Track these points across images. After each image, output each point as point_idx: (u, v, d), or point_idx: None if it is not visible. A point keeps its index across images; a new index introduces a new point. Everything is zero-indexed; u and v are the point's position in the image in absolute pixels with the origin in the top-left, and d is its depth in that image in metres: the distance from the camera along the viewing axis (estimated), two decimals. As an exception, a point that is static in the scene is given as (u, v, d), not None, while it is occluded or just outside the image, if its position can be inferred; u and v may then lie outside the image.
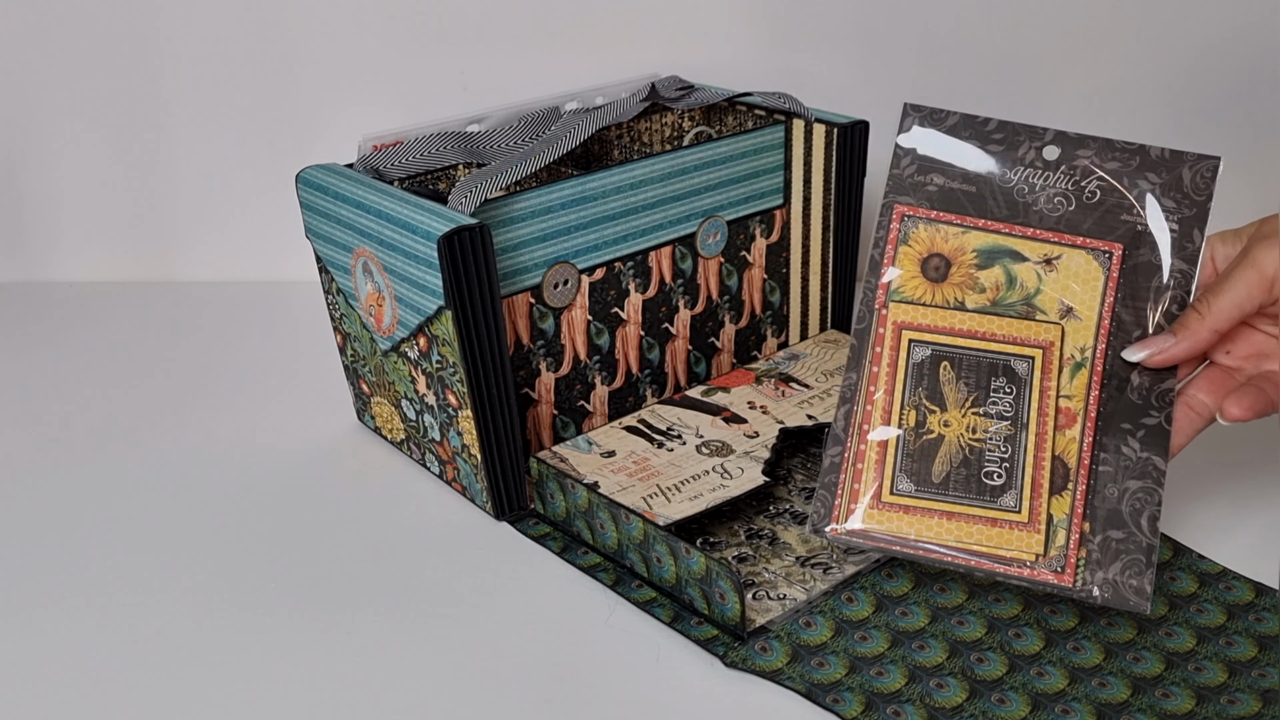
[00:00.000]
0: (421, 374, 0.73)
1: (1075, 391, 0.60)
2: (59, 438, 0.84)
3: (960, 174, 0.63)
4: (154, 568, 0.69)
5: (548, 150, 0.76)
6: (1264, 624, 0.62)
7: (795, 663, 0.60)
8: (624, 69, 0.99)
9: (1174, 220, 0.61)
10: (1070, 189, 0.62)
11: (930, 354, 0.61)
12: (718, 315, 0.84)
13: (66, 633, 0.64)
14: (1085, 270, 0.61)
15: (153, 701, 0.59)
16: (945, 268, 0.62)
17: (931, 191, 0.63)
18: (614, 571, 0.67)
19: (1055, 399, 0.60)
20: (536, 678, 0.60)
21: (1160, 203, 0.62)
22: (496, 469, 0.72)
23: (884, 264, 0.62)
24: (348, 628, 0.64)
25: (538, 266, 0.73)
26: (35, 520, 0.74)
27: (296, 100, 1.05)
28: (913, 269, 0.62)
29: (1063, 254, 0.62)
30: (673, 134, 0.91)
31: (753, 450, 0.73)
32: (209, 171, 1.08)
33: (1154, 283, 0.61)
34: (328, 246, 0.76)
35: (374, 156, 0.78)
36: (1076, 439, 0.59)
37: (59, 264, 1.11)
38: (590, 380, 0.78)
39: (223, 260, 1.10)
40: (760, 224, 0.84)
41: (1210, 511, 0.71)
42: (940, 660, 0.60)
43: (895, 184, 0.63)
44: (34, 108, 1.07)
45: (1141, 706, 0.56)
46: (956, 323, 0.61)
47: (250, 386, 0.90)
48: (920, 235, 0.62)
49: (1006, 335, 0.61)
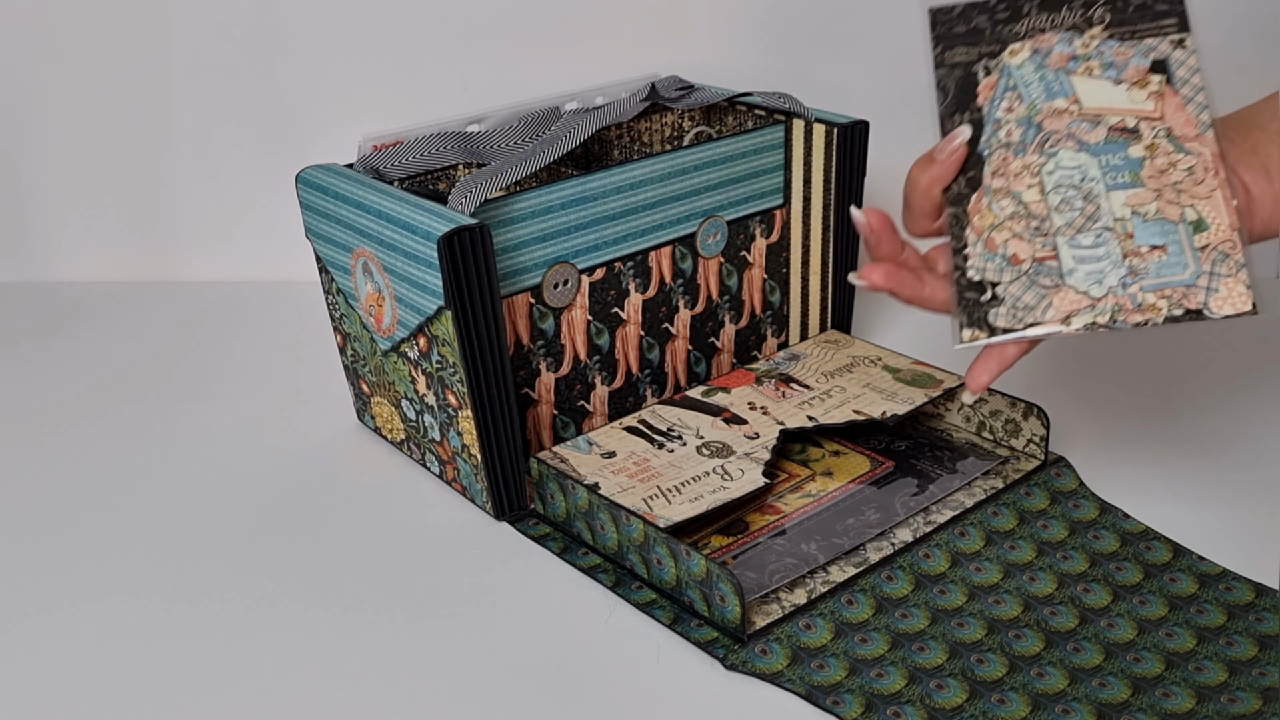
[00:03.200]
0: (421, 374, 0.73)
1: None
2: (59, 437, 0.84)
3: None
4: (154, 567, 0.69)
5: (548, 150, 0.76)
6: (1264, 624, 0.62)
7: (795, 665, 0.60)
8: (624, 69, 0.99)
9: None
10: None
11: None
12: (718, 315, 0.84)
13: (66, 632, 0.64)
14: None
15: (152, 701, 0.59)
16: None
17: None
18: (614, 573, 0.67)
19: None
20: (536, 678, 0.60)
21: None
22: (496, 469, 0.72)
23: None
24: (348, 628, 0.64)
25: (538, 266, 0.73)
26: (35, 520, 0.74)
27: (296, 100, 1.05)
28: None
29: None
30: (673, 134, 0.91)
31: (753, 451, 0.73)
32: (209, 171, 1.08)
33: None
34: (328, 246, 0.76)
35: (374, 156, 0.78)
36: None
37: (59, 264, 1.11)
38: (590, 380, 0.78)
39: (223, 260, 1.10)
40: (760, 224, 0.84)
41: (1210, 512, 0.71)
42: (940, 661, 0.60)
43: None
44: (34, 108, 1.07)
45: (1142, 706, 0.56)
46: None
47: (250, 386, 0.90)
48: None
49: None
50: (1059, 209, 0.61)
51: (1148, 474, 0.75)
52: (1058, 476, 0.74)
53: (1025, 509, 0.71)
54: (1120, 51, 0.63)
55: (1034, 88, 0.63)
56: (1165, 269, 0.59)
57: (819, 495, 0.72)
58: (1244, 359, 0.89)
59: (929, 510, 0.71)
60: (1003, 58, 0.64)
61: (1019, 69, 0.63)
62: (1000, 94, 0.63)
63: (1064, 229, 0.60)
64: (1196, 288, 0.59)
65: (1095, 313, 0.59)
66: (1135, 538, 0.68)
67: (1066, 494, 0.72)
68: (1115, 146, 0.61)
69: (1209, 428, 0.80)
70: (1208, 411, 0.82)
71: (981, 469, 0.74)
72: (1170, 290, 0.59)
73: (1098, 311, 0.59)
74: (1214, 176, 0.60)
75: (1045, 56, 0.63)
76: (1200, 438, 0.79)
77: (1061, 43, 0.63)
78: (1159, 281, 0.59)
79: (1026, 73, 0.63)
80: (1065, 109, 0.62)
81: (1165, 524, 0.69)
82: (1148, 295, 0.59)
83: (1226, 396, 0.83)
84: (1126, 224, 0.60)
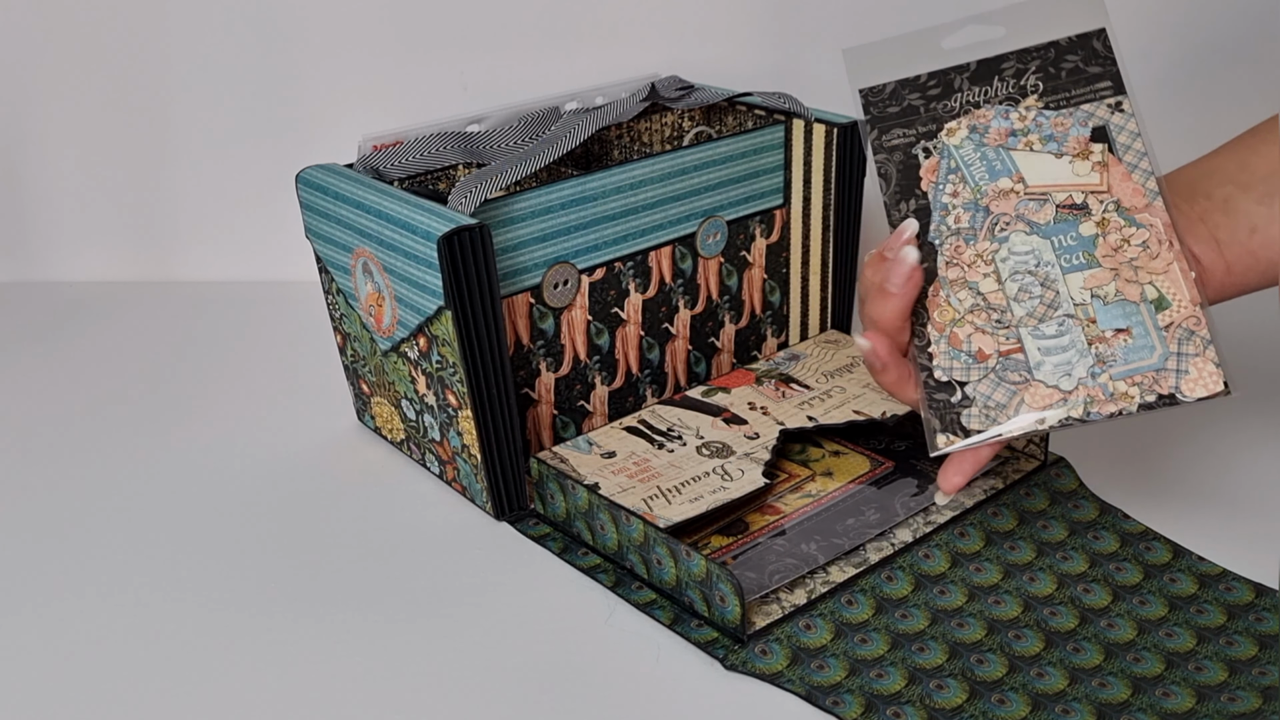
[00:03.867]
0: (421, 374, 0.73)
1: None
2: (59, 437, 0.84)
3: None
4: (153, 567, 0.69)
5: (548, 150, 0.76)
6: (1264, 624, 0.62)
7: (795, 665, 0.60)
8: (624, 69, 0.99)
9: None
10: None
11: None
12: (718, 315, 0.84)
13: (66, 632, 0.64)
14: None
15: (152, 701, 0.59)
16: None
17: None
18: (614, 573, 0.67)
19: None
20: (536, 678, 0.60)
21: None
22: (496, 469, 0.72)
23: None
24: (347, 628, 0.64)
25: (538, 266, 0.73)
26: (35, 520, 0.74)
27: (296, 100, 1.05)
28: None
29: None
30: (673, 134, 0.91)
31: (753, 451, 0.73)
32: (209, 171, 1.08)
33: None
34: (328, 246, 0.76)
35: (374, 156, 0.78)
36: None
37: (59, 264, 1.11)
38: (590, 380, 0.78)
39: (223, 260, 1.10)
40: (760, 224, 0.84)
41: (1210, 512, 0.71)
42: (940, 662, 0.60)
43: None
44: (34, 108, 1.07)
45: (1142, 706, 0.56)
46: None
47: (250, 386, 0.90)
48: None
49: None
50: (1018, 298, 0.59)
51: (1148, 474, 0.75)
52: (1057, 477, 0.74)
53: (1025, 509, 0.71)
54: (1059, 122, 0.61)
55: (976, 168, 0.61)
56: (1133, 354, 0.58)
57: (819, 495, 0.72)
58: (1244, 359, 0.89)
59: (929, 510, 0.71)
60: (941, 138, 0.62)
61: (959, 149, 0.62)
62: (944, 177, 0.61)
63: (1025, 319, 0.59)
64: (1166, 370, 0.57)
65: (1068, 407, 0.58)
66: (1135, 538, 0.68)
67: (1066, 494, 0.72)
68: (1066, 225, 0.60)
69: (1209, 428, 0.80)
70: (1208, 412, 0.82)
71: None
72: (1140, 376, 0.57)
73: (1070, 405, 0.58)
74: (1168, 249, 0.59)
75: (983, 134, 0.62)
76: (1200, 438, 0.79)
77: (998, 117, 0.62)
78: (1128, 368, 0.58)
79: (967, 152, 0.62)
80: (1010, 189, 0.61)
81: (1165, 524, 0.69)
82: (1118, 384, 0.58)
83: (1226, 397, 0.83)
84: (1088, 308, 0.59)
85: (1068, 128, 0.61)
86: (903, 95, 0.63)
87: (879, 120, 0.63)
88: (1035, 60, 0.62)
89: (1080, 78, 0.62)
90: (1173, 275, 0.58)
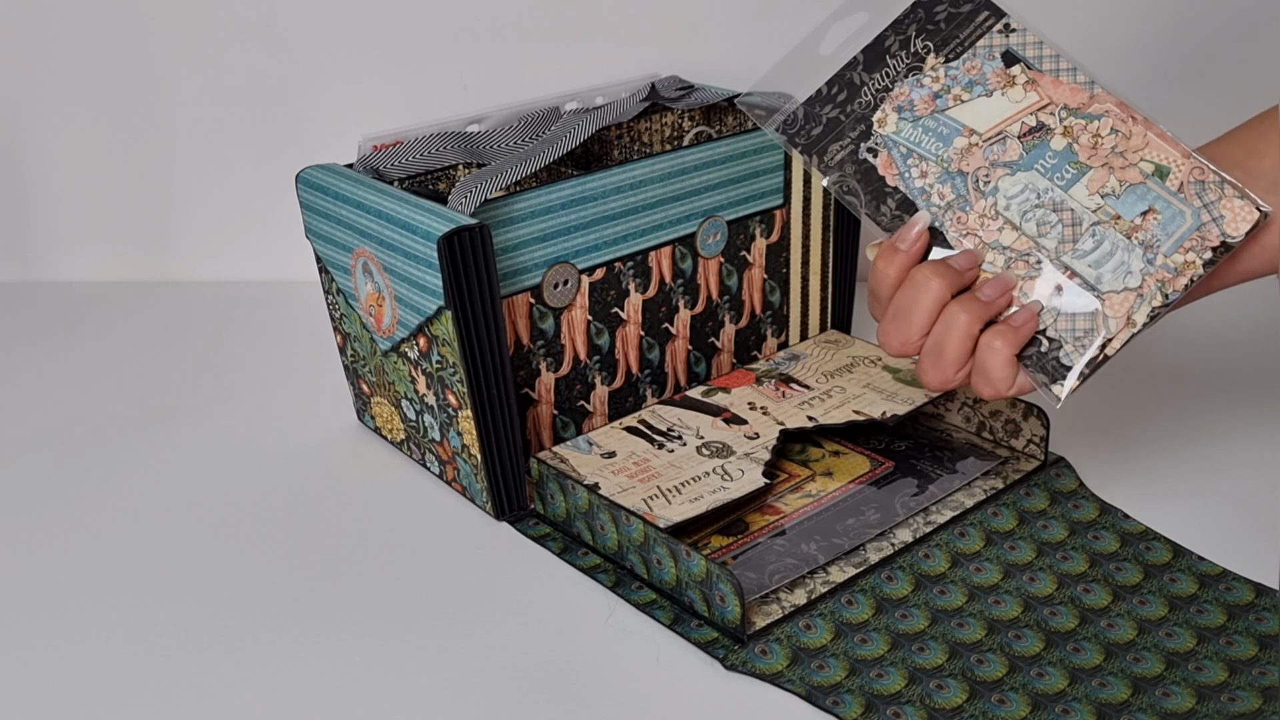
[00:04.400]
0: (421, 374, 0.73)
1: None
2: (59, 437, 0.84)
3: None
4: (153, 568, 0.69)
5: (548, 150, 0.76)
6: (1264, 624, 0.62)
7: (795, 665, 0.60)
8: (624, 69, 0.99)
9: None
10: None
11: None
12: (718, 315, 0.84)
13: (66, 632, 0.64)
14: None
15: (151, 701, 0.59)
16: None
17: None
18: (614, 573, 0.67)
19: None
20: (536, 678, 0.60)
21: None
22: (496, 469, 0.72)
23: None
24: (347, 628, 0.64)
25: (538, 266, 0.73)
26: (34, 520, 0.74)
27: (296, 100, 1.05)
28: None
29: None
30: (673, 134, 0.91)
31: (753, 451, 0.73)
32: (209, 171, 1.08)
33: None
34: (328, 246, 0.76)
35: (374, 156, 0.78)
36: None
37: (59, 264, 1.11)
38: (590, 380, 0.78)
39: (223, 260, 1.10)
40: (760, 224, 0.84)
41: (1210, 512, 0.71)
42: (940, 662, 0.60)
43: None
44: (34, 108, 1.07)
45: (1142, 706, 0.56)
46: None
47: (250, 386, 0.90)
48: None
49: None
50: (1041, 234, 0.60)
51: (1148, 474, 0.75)
52: (1058, 477, 0.74)
53: (1025, 509, 0.71)
54: (969, 66, 0.61)
55: (927, 143, 0.62)
56: (1169, 226, 0.58)
57: (819, 495, 0.72)
58: (1244, 359, 0.89)
59: (929, 510, 0.71)
60: (876, 132, 0.63)
61: (898, 134, 0.62)
62: (904, 165, 0.62)
63: (1060, 248, 0.60)
64: (1205, 225, 0.58)
65: (1146, 299, 0.59)
66: (1135, 538, 0.68)
67: (1066, 494, 0.72)
68: (1039, 150, 0.60)
69: (1209, 428, 0.80)
70: (1208, 412, 0.82)
71: (981, 469, 0.74)
72: (1188, 242, 0.58)
73: (1147, 297, 0.59)
74: (1136, 123, 0.59)
75: (912, 110, 0.62)
76: (1200, 438, 0.79)
77: (914, 89, 0.62)
78: (1174, 240, 0.58)
79: (908, 133, 0.62)
80: (969, 144, 0.61)
81: (1165, 524, 0.69)
82: (1174, 257, 0.58)
83: (1227, 397, 0.83)
84: (1106, 209, 0.59)
85: (980, 67, 0.61)
86: (817, 113, 0.64)
87: (811, 146, 0.64)
88: (911, 26, 0.63)
89: (959, 19, 0.62)
90: (1154, 143, 0.59)
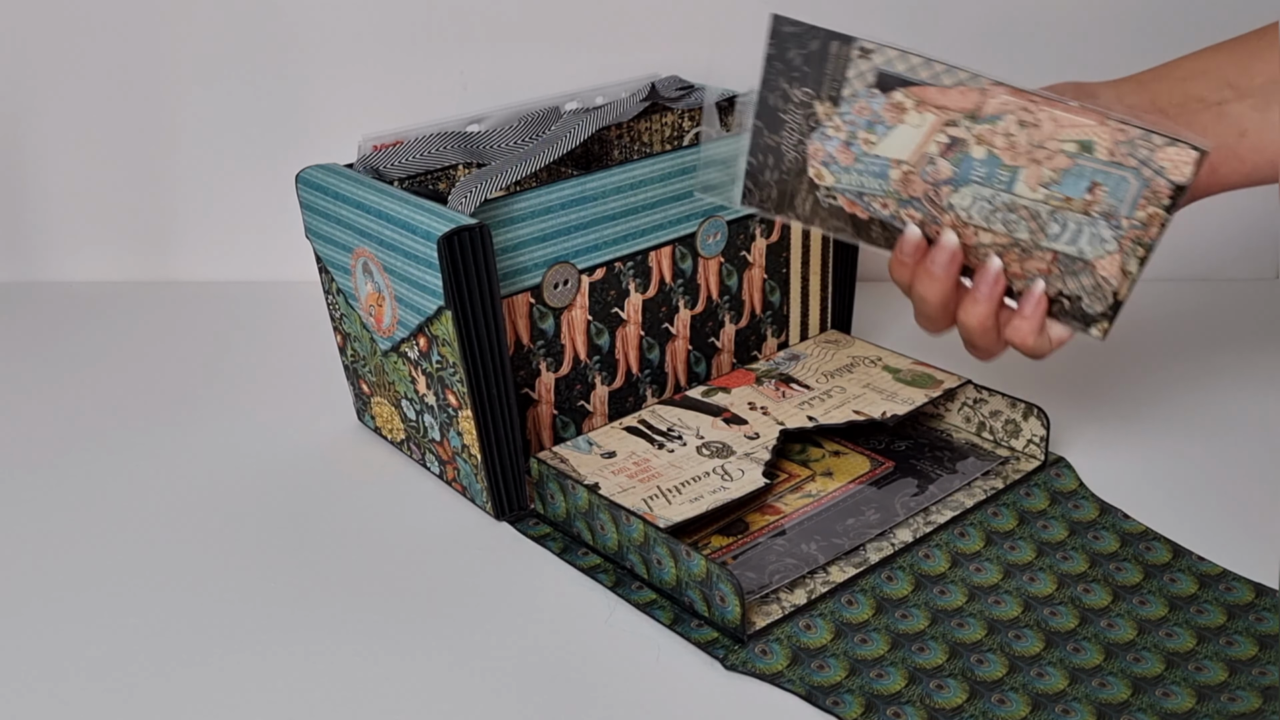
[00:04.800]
0: (421, 374, 0.73)
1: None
2: (59, 438, 0.84)
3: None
4: (153, 567, 0.69)
5: (548, 150, 0.76)
6: (1264, 624, 0.62)
7: (795, 665, 0.60)
8: (624, 69, 0.98)
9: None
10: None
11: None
12: (718, 315, 0.84)
13: (66, 632, 0.64)
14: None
15: (151, 700, 0.59)
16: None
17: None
18: (614, 573, 0.67)
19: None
20: (536, 678, 0.60)
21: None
22: (496, 469, 0.72)
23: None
24: (347, 628, 0.64)
25: (538, 266, 0.73)
26: (34, 520, 0.74)
27: (296, 100, 1.05)
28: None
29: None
30: (673, 134, 0.91)
31: (753, 452, 0.73)
32: (209, 171, 1.08)
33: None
34: (328, 246, 0.76)
35: (374, 156, 0.78)
36: None
37: (59, 264, 1.11)
38: (590, 380, 0.78)
39: (223, 260, 1.10)
40: (760, 224, 0.84)
41: (1210, 512, 0.71)
42: (940, 662, 0.60)
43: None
44: (34, 108, 1.07)
45: (1142, 706, 0.56)
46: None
47: (250, 386, 0.90)
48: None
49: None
50: (1012, 230, 0.61)
51: (1148, 474, 0.75)
52: (1058, 477, 0.74)
53: (1025, 509, 0.71)
54: (860, 108, 0.61)
55: (869, 183, 0.62)
56: (1120, 192, 0.59)
57: (819, 495, 0.72)
58: (1244, 359, 0.89)
59: (929, 511, 0.71)
60: (821, 187, 0.63)
61: (839, 183, 0.63)
62: (862, 203, 0.63)
63: (1035, 237, 0.61)
64: (1151, 179, 0.58)
65: (1130, 253, 0.60)
66: (1135, 538, 0.68)
67: (1066, 494, 0.72)
68: (965, 163, 0.61)
69: (1209, 428, 0.80)
70: (1208, 412, 0.82)
71: (981, 469, 0.74)
72: (1141, 200, 0.59)
73: (1130, 251, 0.60)
74: (1039, 106, 0.59)
75: (835, 161, 0.62)
76: (1200, 438, 0.79)
77: (825, 142, 0.62)
78: (1130, 202, 0.59)
79: (846, 180, 0.63)
80: (904, 174, 0.62)
81: (1165, 524, 0.69)
82: (1138, 214, 0.59)
83: (1227, 397, 0.83)
84: (1054, 197, 0.60)
85: (869, 106, 0.61)
86: (764, 181, 0.64)
87: (778, 207, 0.65)
88: (780, 79, 0.62)
89: (815, 58, 0.61)
90: (1065, 123, 0.59)
